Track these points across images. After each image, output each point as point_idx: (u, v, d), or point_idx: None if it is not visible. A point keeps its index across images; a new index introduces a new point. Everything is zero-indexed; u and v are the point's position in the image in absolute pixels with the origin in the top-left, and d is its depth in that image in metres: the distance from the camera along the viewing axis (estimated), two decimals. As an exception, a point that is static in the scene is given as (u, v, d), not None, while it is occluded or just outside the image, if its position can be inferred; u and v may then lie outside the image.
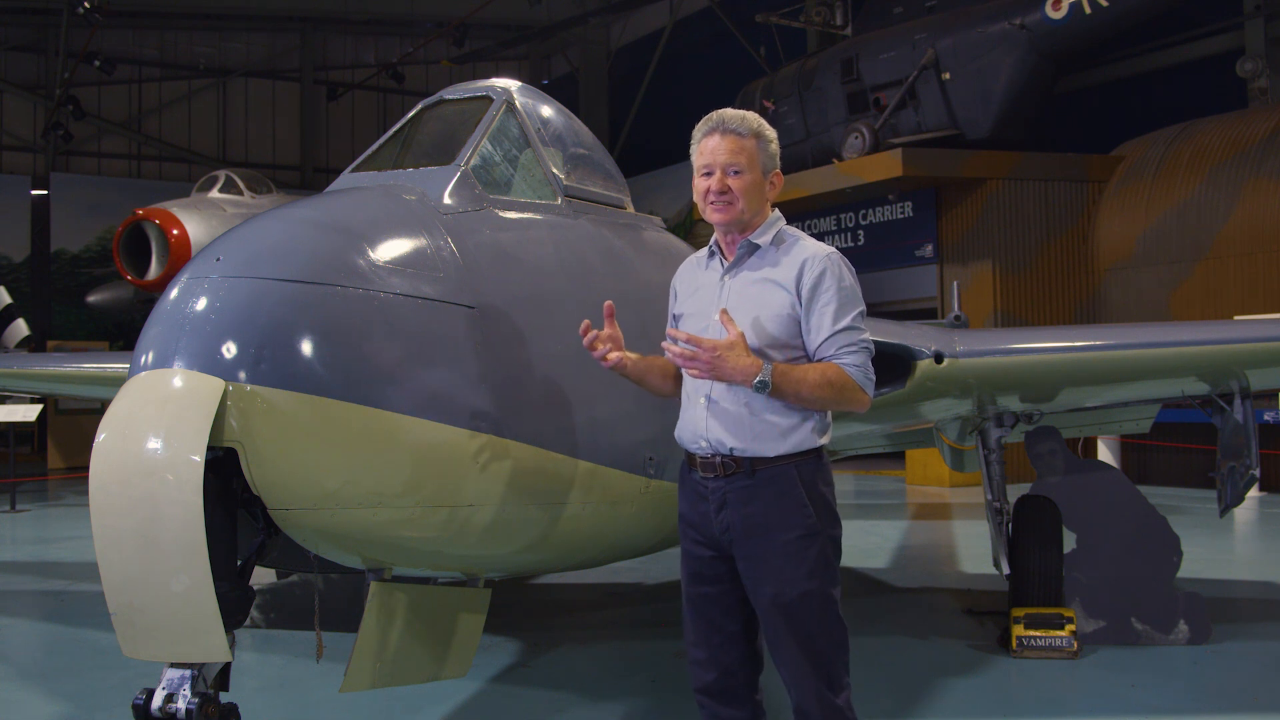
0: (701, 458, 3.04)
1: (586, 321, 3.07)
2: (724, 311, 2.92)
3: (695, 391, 3.06)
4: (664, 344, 2.97)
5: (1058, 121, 16.29)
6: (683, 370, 3.09)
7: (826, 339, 2.95)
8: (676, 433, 3.16)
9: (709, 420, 3.00)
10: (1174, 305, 13.79)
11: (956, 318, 7.50)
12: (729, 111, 3.08)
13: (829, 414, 3.05)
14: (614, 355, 3.06)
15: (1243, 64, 14.40)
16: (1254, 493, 12.18)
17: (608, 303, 3.06)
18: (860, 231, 16.52)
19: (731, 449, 2.97)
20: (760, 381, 2.84)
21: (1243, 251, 13.27)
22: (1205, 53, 15.40)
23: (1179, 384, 6.08)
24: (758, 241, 3.06)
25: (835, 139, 16.34)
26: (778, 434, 2.95)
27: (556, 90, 15.06)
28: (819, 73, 16.95)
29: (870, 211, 16.33)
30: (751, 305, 2.99)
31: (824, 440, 3.02)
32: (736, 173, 3.02)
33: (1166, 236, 14.09)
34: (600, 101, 26.32)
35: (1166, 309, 13.81)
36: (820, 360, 2.96)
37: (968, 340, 5.62)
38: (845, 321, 2.95)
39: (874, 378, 3.02)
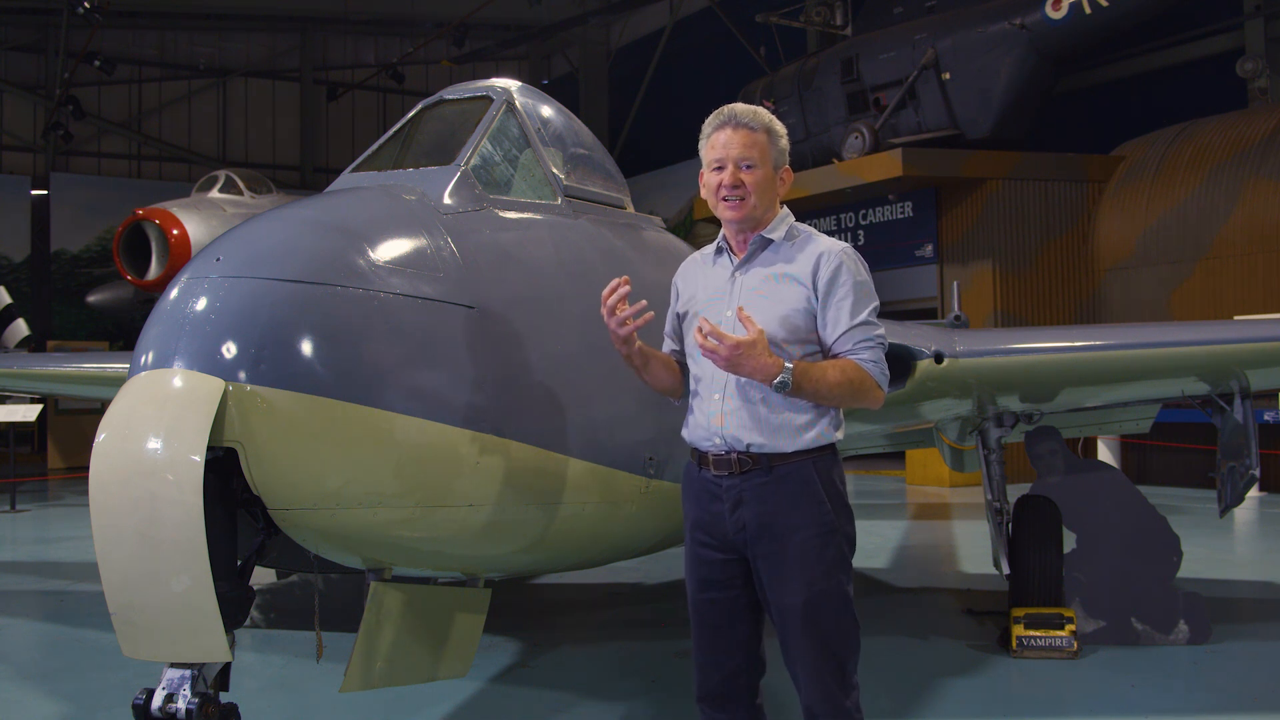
0: (715, 455, 2.99)
1: (614, 282, 2.94)
2: (741, 309, 2.87)
3: (708, 389, 3.02)
4: (693, 332, 2.89)
5: (1058, 121, 16.29)
6: (695, 366, 3.06)
7: (843, 334, 2.93)
8: (686, 432, 3.11)
9: (725, 416, 2.96)
10: (1174, 305, 13.79)
11: (956, 318, 7.50)
12: (740, 106, 3.05)
13: (841, 410, 3.03)
14: (632, 331, 2.97)
15: (1243, 64, 14.41)
16: (1254, 493, 12.17)
17: (624, 277, 2.96)
18: (860, 231, 16.50)
19: (748, 445, 2.93)
20: (781, 381, 2.81)
21: (1243, 251, 13.27)
22: (1205, 53, 15.41)
23: (1179, 384, 6.08)
24: (771, 236, 3.03)
25: (835, 139, 16.34)
26: (795, 430, 2.92)
27: (556, 90, 15.04)
28: (819, 73, 16.95)
29: (870, 211, 16.32)
30: (766, 300, 2.96)
31: (838, 436, 3.01)
32: (749, 167, 2.98)
33: (1166, 236, 14.09)
34: (600, 101, 26.32)
35: (1166, 309, 13.81)
36: (836, 355, 2.94)
37: (968, 340, 5.62)
38: (862, 316, 2.94)
39: (888, 374, 3.02)
